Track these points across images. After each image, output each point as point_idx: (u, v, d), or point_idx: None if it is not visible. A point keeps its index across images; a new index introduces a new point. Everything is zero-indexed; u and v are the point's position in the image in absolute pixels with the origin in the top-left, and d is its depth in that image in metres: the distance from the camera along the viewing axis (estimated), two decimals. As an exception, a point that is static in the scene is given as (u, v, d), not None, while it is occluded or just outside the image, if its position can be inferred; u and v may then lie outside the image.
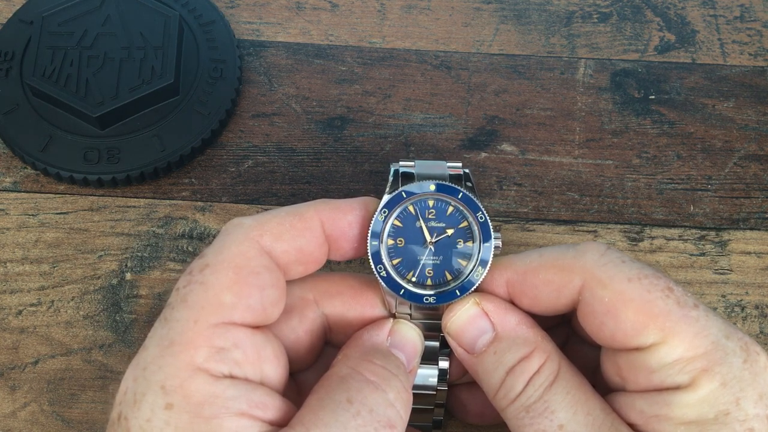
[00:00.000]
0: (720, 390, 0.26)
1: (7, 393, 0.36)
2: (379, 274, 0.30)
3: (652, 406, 0.27)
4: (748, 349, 0.27)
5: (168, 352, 0.26)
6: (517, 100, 0.43)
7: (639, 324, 0.27)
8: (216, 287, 0.27)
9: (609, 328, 0.28)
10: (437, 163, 0.31)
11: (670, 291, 0.28)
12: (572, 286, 0.29)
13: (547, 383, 0.28)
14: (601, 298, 0.28)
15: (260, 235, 0.29)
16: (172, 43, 0.42)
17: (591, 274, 0.28)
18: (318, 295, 0.31)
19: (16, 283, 0.38)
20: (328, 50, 0.44)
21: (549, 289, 0.29)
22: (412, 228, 0.30)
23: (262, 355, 0.28)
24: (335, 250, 0.30)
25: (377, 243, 0.30)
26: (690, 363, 0.26)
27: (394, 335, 0.30)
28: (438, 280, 0.30)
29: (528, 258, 0.30)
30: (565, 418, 0.27)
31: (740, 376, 0.26)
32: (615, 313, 0.27)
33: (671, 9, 0.46)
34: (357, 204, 0.30)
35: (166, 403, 0.25)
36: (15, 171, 0.41)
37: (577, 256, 0.29)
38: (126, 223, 0.40)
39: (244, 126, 0.42)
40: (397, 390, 0.28)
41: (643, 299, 0.27)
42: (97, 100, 0.40)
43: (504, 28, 0.45)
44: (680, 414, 0.26)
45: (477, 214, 0.30)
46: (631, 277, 0.28)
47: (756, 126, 0.43)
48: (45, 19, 0.42)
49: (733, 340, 0.27)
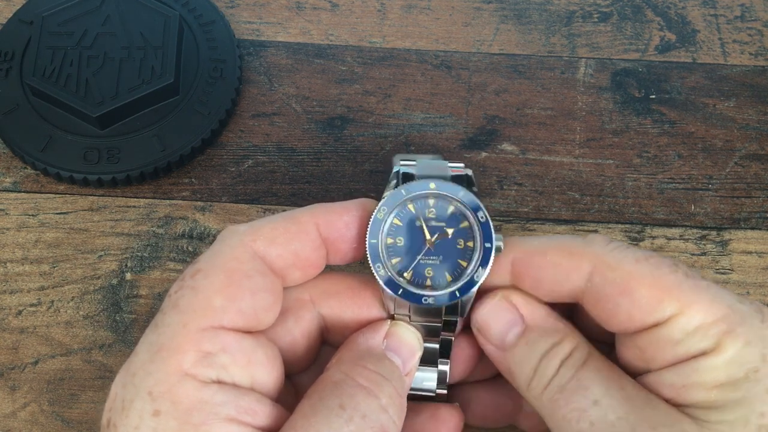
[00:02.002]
0: (745, 349, 0.26)
1: (7, 393, 0.36)
2: (377, 273, 0.29)
3: (681, 377, 0.27)
4: (762, 311, 0.27)
5: (157, 357, 0.26)
6: (518, 100, 0.43)
7: (654, 299, 0.27)
8: (207, 291, 0.27)
9: (625, 308, 0.28)
10: (439, 164, 0.31)
11: (677, 267, 0.28)
12: (581, 270, 0.29)
13: (579, 363, 0.28)
14: (612, 281, 0.28)
15: (254, 240, 0.28)
16: (172, 43, 0.42)
17: (600, 259, 0.29)
18: (315, 294, 0.31)
19: (16, 283, 0.38)
20: (328, 50, 0.44)
21: (555, 272, 0.29)
22: (411, 227, 0.30)
23: (253, 360, 0.27)
24: (334, 253, 0.30)
25: (376, 241, 0.29)
26: (711, 327, 0.27)
27: (390, 338, 0.30)
28: (437, 281, 0.30)
29: (536, 240, 0.30)
30: (599, 393, 0.27)
31: (762, 334, 0.27)
32: (629, 292, 0.28)
33: (672, 8, 0.46)
34: (353, 205, 0.30)
35: (154, 409, 0.25)
36: (15, 171, 0.41)
37: (586, 243, 0.29)
38: (126, 223, 0.40)
39: (244, 126, 0.42)
40: (390, 395, 0.28)
41: (653, 275, 0.28)
42: (97, 100, 0.40)
43: (504, 28, 0.45)
44: (711, 378, 0.26)
45: (478, 213, 0.30)
46: (638, 258, 0.28)
47: (757, 125, 0.43)
48: (45, 19, 0.42)
49: (746, 304, 0.28)
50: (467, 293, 0.29)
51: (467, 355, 0.32)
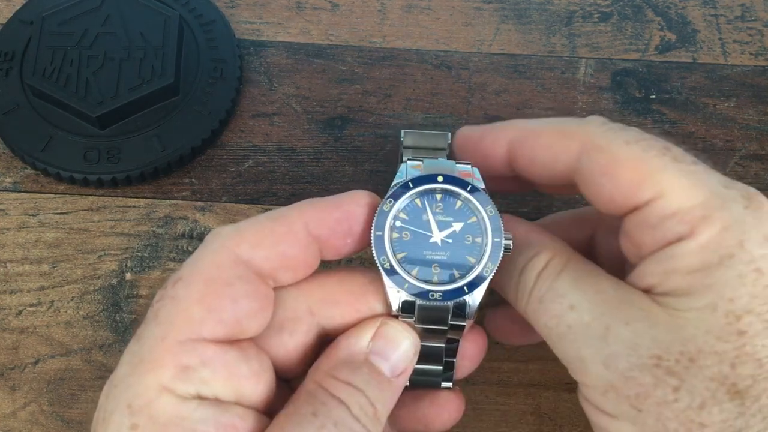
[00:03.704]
0: (721, 234, 0.26)
1: (7, 393, 0.36)
2: (382, 266, 0.28)
3: (660, 264, 0.27)
4: (750, 197, 0.27)
5: (136, 370, 0.26)
6: (518, 100, 0.43)
7: (634, 181, 0.27)
8: (186, 301, 0.26)
9: (607, 190, 0.28)
10: (446, 164, 0.30)
11: (667, 150, 0.28)
12: (570, 150, 0.29)
13: (555, 273, 0.28)
14: (597, 161, 0.28)
15: (237, 244, 0.27)
16: (172, 43, 0.42)
17: (590, 139, 0.28)
18: (314, 304, 0.29)
19: (16, 283, 0.38)
20: (329, 50, 0.44)
21: (547, 153, 0.29)
22: (418, 221, 0.29)
23: (236, 373, 0.26)
24: (328, 250, 0.29)
25: (381, 234, 0.28)
26: (688, 213, 0.26)
27: (378, 340, 0.28)
28: (444, 277, 0.29)
29: (534, 121, 0.30)
30: (575, 299, 0.28)
31: (742, 219, 0.26)
32: (611, 174, 0.28)
33: (672, 8, 0.46)
34: (344, 199, 0.29)
35: (131, 423, 0.25)
36: (15, 171, 0.41)
37: (580, 124, 0.29)
38: (126, 223, 0.40)
39: (244, 126, 0.42)
40: (361, 405, 0.27)
41: (638, 158, 0.27)
42: (97, 99, 0.40)
43: (504, 28, 0.45)
44: (685, 264, 0.26)
45: (487, 208, 0.29)
46: (629, 140, 0.28)
47: (757, 125, 0.43)
48: (45, 19, 0.42)
49: (734, 189, 0.27)
50: (476, 289, 0.28)
51: (471, 354, 0.32)
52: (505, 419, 0.36)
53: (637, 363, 0.26)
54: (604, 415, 0.27)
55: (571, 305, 0.28)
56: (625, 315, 0.27)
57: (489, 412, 0.36)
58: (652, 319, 0.26)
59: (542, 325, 0.29)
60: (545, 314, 0.28)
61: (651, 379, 0.26)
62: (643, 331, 0.26)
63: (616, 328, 0.27)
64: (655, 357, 0.26)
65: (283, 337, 0.29)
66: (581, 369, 0.28)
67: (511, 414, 0.36)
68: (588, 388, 0.28)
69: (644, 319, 0.26)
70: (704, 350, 0.25)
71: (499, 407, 0.36)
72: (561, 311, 0.28)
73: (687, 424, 0.25)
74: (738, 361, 0.25)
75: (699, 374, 0.25)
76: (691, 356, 0.25)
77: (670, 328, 0.26)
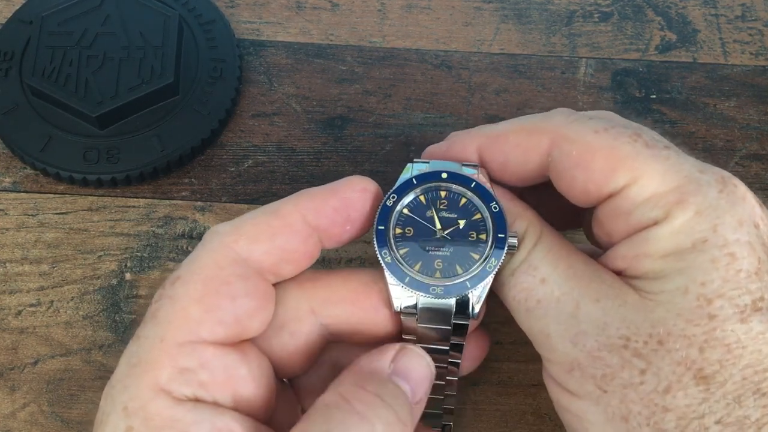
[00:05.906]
0: (695, 218, 0.26)
1: (6, 393, 0.36)
2: (384, 260, 0.28)
3: (632, 248, 0.27)
4: (724, 181, 0.27)
5: (133, 371, 0.25)
6: (518, 100, 0.43)
7: (607, 169, 0.27)
8: (184, 301, 0.26)
9: (580, 180, 0.28)
10: (452, 165, 0.30)
11: (638, 136, 0.27)
12: (540, 146, 0.29)
13: (529, 246, 0.28)
14: (568, 153, 0.28)
15: (235, 240, 0.27)
16: (172, 43, 0.42)
17: (558, 132, 0.28)
18: (316, 304, 0.29)
19: (15, 284, 0.38)
20: (328, 50, 0.44)
21: (517, 152, 0.29)
22: (422, 217, 0.29)
23: (235, 376, 0.26)
24: (328, 238, 0.29)
25: (384, 228, 0.28)
26: (663, 198, 0.26)
27: (398, 361, 0.27)
28: (447, 273, 0.28)
29: (500, 124, 0.30)
30: (546, 272, 0.28)
31: (716, 204, 0.26)
32: (584, 165, 0.27)
33: (672, 8, 0.46)
34: (340, 186, 0.29)
35: (126, 425, 0.25)
36: (14, 171, 0.41)
37: (545, 118, 0.29)
38: (126, 223, 0.40)
39: (244, 126, 0.42)
40: (387, 422, 0.25)
41: (609, 146, 0.27)
42: (96, 99, 0.40)
43: (505, 28, 0.45)
44: (658, 248, 0.26)
45: (491, 204, 0.29)
46: (598, 129, 0.28)
47: (757, 125, 0.42)
48: (44, 18, 0.42)
49: (708, 174, 0.27)
50: (479, 284, 0.28)
51: (473, 356, 0.32)
52: (505, 419, 0.36)
53: (605, 343, 0.26)
54: (568, 393, 0.27)
55: (543, 278, 0.27)
56: (595, 291, 0.27)
57: (489, 412, 0.36)
58: (622, 298, 0.26)
59: (511, 298, 0.28)
60: (516, 287, 0.28)
61: (618, 360, 0.26)
62: (613, 310, 0.26)
63: (586, 305, 0.27)
64: (624, 338, 0.26)
65: (285, 337, 0.29)
66: (548, 345, 0.27)
67: (511, 414, 0.36)
68: (553, 364, 0.28)
69: (615, 297, 0.26)
70: (673, 333, 0.25)
71: (499, 407, 0.36)
72: (533, 284, 0.28)
73: (650, 407, 0.25)
74: (707, 346, 0.25)
75: (666, 357, 0.25)
76: (659, 339, 0.25)
77: (639, 309, 0.26)
